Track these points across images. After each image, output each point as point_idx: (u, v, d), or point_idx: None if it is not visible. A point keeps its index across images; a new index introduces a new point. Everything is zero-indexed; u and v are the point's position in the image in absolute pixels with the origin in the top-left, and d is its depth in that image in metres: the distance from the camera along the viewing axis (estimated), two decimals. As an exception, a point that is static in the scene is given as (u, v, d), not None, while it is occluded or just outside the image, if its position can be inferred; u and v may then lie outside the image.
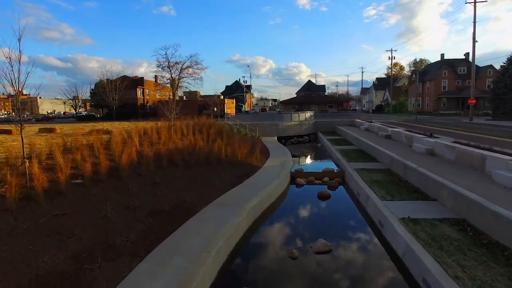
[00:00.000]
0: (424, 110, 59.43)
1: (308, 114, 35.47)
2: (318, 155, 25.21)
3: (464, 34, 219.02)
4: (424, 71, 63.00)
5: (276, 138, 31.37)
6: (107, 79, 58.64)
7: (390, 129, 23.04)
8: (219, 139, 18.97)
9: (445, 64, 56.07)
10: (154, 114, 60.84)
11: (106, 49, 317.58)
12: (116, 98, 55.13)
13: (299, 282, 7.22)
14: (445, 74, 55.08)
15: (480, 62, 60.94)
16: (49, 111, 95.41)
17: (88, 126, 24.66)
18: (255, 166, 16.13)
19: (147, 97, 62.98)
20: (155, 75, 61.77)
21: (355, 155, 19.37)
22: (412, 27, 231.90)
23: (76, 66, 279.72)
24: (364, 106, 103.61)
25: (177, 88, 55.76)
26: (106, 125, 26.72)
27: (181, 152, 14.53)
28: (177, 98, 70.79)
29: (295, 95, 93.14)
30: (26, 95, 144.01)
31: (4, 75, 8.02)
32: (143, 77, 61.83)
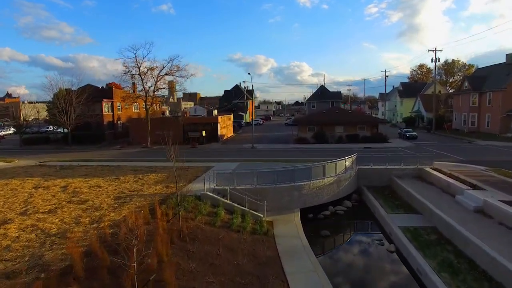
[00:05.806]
0: (482, 130, 44.76)
1: (349, 159, 21.08)
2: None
3: (467, 32, 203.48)
4: (480, 77, 48.21)
5: (298, 213, 17.11)
6: (66, 89, 43.69)
7: None
8: None
9: (517, 68, 41.35)
10: (127, 134, 46.30)
11: (106, 48, 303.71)
12: (72, 116, 39.82)
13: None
14: (518, 83, 40.36)
15: (484, 61, 45.82)
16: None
17: None
18: None
19: (118, 112, 48.05)
20: (133, 83, 46.53)
21: None
22: (415, 25, 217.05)
23: (77, 66, 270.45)
24: (383, 115, 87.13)
25: (152, 103, 40.75)
26: None
27: None
28: (156, 110, 56.29)
29: (302, 98, 78.78)
30: (14, 97, 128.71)
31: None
32: (111, 87, 46.99)
